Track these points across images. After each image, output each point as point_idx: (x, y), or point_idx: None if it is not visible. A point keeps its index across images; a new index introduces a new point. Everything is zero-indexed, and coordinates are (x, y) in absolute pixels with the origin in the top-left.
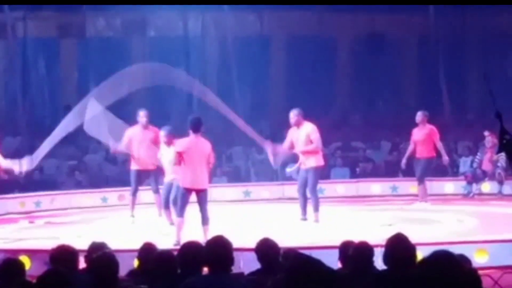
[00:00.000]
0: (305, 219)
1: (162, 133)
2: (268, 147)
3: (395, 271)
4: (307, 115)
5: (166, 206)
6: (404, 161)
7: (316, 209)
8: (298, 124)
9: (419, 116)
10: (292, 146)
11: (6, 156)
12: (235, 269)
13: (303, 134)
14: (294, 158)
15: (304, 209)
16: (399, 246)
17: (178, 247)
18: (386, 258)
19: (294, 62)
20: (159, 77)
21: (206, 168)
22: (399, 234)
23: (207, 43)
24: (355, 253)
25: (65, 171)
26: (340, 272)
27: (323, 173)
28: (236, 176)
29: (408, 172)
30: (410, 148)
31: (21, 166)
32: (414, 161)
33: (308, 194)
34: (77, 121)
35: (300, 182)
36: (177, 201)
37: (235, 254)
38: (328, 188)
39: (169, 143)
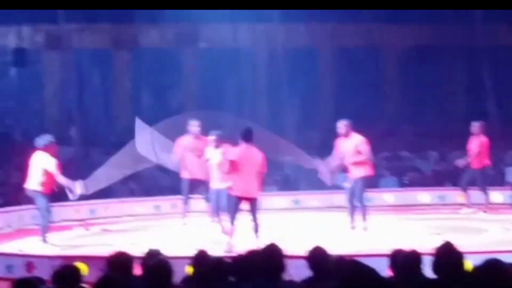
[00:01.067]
0: (353, 227)
1: (212, 137)
2: (320, 166)
3: (444, 279)
4: (355, 126)
5: (217, 214)
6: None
7: (364, 218)
8: (346, 135)
9: (475, 126)
10: (339, 156)
11: (61, 165)
12: (285, 277)
13: (351, 145)
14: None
15: (353, 217)
16: (448, 255)
17: (230, 254)
18: (436, 267)
19: (343, 73)
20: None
21: (258, 177)
22: (448, 243)
23: (257, 54)
24: (405, 261)
25: (118, 180)
26: (391, 280)
27: (371, 183)
28: (286, 185)
29: (456, 181)
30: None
31: (75, 189)
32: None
33: (356, 203)
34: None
35: (349, 191)
36: (229, 208)
37: (285, 259)
38: (376, 197)
39: (217, 146)
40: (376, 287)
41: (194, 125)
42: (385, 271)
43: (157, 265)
